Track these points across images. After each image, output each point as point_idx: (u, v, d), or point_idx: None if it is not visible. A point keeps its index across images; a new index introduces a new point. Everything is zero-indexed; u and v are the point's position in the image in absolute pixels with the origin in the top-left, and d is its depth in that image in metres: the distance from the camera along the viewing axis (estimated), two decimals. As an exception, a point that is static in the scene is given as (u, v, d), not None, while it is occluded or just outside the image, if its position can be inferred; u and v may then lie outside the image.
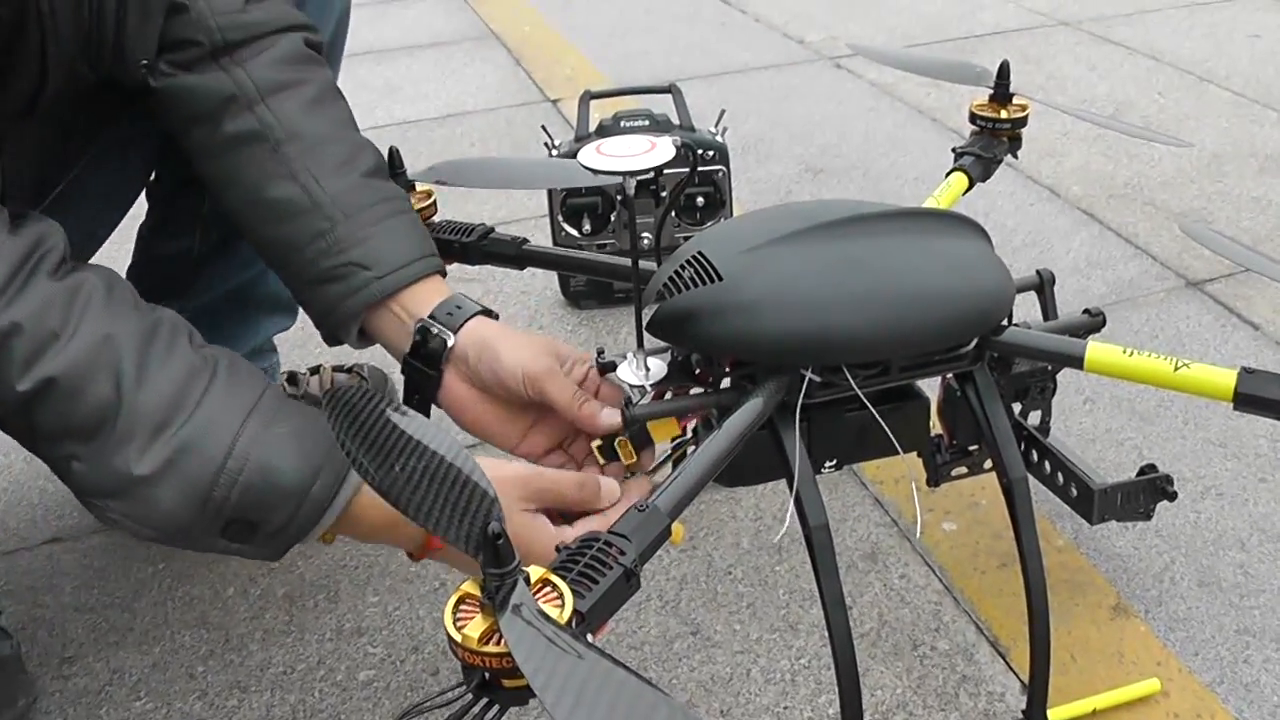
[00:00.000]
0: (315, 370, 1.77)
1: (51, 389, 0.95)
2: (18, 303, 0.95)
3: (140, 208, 1.56)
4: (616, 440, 1.14)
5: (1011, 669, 1.34)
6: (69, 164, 1.33)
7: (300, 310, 1.69)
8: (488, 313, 1.19)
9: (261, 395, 1.01)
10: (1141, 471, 1.35)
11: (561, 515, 1.09)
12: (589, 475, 1.10)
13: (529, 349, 1.15)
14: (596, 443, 1.15)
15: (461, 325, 1.17)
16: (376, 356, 1.95)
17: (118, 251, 1.59)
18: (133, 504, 0.98)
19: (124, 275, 1.59)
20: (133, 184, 1.45)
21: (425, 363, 1.18)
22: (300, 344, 1.98)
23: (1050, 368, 1.34)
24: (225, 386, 1.00)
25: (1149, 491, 1.35)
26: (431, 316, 1.17)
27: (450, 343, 1.16)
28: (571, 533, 1.05)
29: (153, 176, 1.52)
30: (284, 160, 1.18)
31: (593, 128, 2.00)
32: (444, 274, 1.23)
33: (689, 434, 1.18)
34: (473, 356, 1.16)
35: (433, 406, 1.20)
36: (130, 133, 1.36)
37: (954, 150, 1.55)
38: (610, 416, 1.13)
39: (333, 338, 1.23)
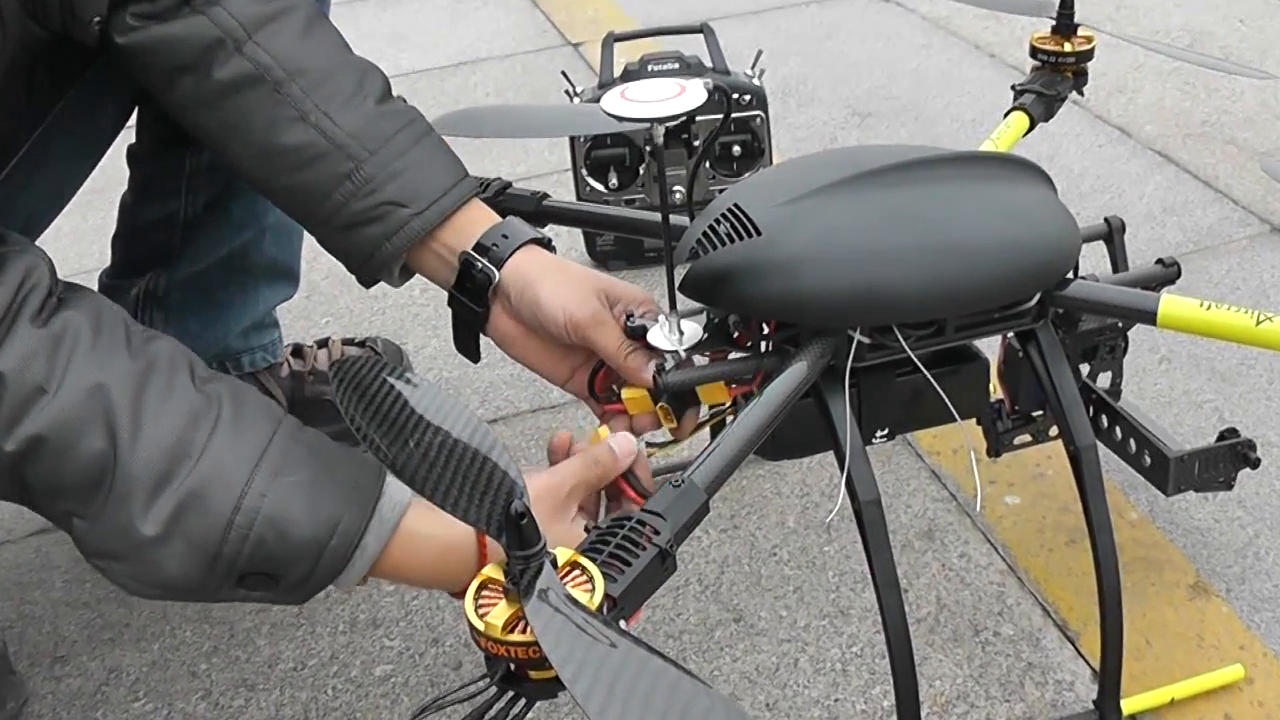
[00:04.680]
0: (323, 343, 1.78)
1: (40, 447, 0.95)
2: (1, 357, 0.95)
3: (120, 175, 1.57)
4: (657, 405, 1.14)
5: (1081, 655, 1.34)
6: (34, 124, 1.34)
7: (302, 278, 1.72)
8: (539, 241, 1.19)
9: (272, 438, 1.01)
10: (1222, 436, 1.35)
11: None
12: (598, 450, 1.09)
13: (573, 291, 1.15)
14: (627, 393, 1.15)
15: (509, 257, 1.17)
16: (389, 328, 1.97)
17: (104, 220, 1.61)
18: (137, 566, 0.98)
19: (109, 244, 1.61)
20: (102, 140, 1.44)
21: (471, 298, 1.18)
22: (305, 314, 2.00)
23: (1121, 324, 1.34)
24: (231, 431, 0.99)
25: (1230, 458, 1.34)
26: (477, 247, 1.17)
27: (495, 278, 1.16)
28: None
29: (133, 138, 1.52)
30: (290, 101, 1.17)
31: (618, 73, 2.00)
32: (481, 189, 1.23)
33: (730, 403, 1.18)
34: (514, 295, 1.16)
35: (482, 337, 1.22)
36: (98, 87, 1.35)
37: (1013, 88, 1.55)
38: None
39: (371, 280, 1.23)
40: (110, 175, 1.54)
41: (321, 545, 0.99)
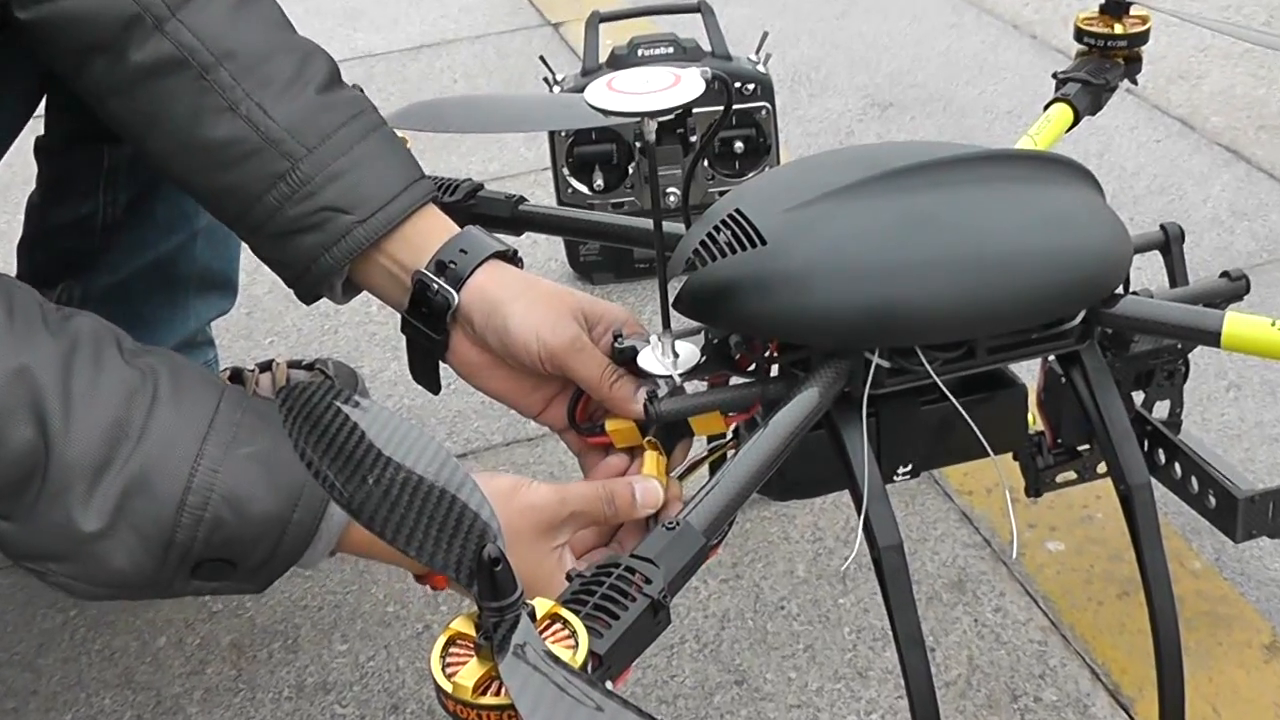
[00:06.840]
0: (266, 366, 1.78)
1: None
2: None
3: (27, 172, 1.57)
4: (646, 438, 1.15)
5: (1136, 723, 1.35)
6: None
7: (240, 290, 1.73)
8: (504, 255, 1.19)
9: (217, 408, 1.03)
10: (1297, 475, 1.36)
11: None
12: (617, 485, 1.11)
13: (546, 314, 1.14)
14: (612, 425, 1.16)
15: (469, 275, 1.16)
16: (342, 349, 1.98)
17: (9, 224, 1.62)
18: (80, 564, 1.00)
19: (14, 251, 1.62)
20: (6, 131, 1.45)
21: (428, 323, 1.18)
22: (245, 332, 2.00)
23: (1180, 346, 1.35)
24: (171, 405, 1.01)
25: (1310, 500, 1.36)
26: (433, 264, 1.16)
27: (454, 302, 1.16)
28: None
29: (41, 129, 1.52)
30: (217, 89, 1.17)
31: (604, 58, 2.02)
32: (438, 199, 1.23)
33: (729, 433, 1.19)
34: (478, 320, 1.16)
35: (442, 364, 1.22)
36: (3, 67, 1.35)
37: (1055, 76, 1.56)
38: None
39: (311, 295, 1.23)
40: (16, 171, 1.54)
41: (284, 520, 1.02)
